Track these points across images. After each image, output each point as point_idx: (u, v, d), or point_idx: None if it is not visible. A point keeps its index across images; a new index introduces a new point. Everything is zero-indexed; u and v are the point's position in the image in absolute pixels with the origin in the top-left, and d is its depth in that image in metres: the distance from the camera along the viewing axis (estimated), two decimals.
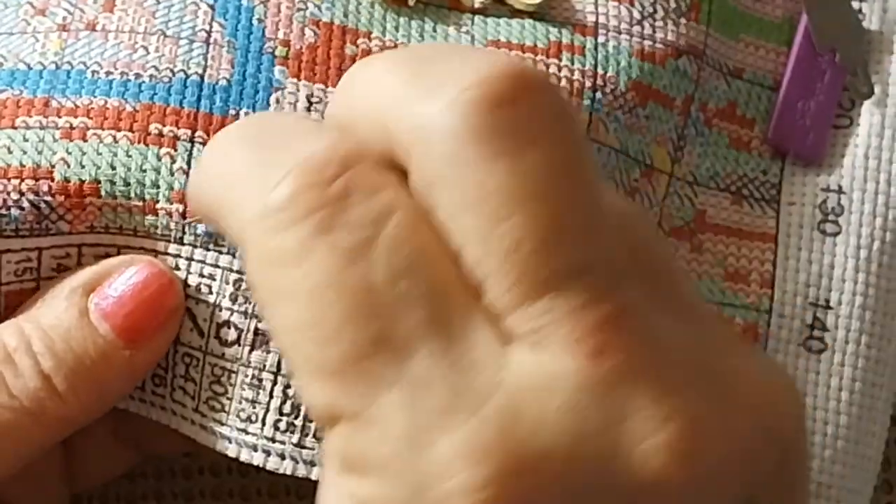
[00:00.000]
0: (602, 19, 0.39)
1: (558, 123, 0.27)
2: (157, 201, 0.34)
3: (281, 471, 0.34)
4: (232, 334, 0.34)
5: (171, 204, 0.34)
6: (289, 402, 0.34)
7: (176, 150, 0.35)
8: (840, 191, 0.42)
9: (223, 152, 0.29)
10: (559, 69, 0.38)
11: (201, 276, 0.35)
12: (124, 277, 0.34)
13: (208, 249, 0.35)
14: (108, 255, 0.35)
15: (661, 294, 0.27)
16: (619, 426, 0.25)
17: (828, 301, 0.41)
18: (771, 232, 0.41)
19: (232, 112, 0.35)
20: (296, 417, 0.34)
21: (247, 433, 0.34)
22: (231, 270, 0.34)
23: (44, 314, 0.34)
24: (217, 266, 0.34)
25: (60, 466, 0.38)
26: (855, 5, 0.43)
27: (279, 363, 0.34)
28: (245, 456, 0.34)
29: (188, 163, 0.35)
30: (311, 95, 0.36)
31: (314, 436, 0.34)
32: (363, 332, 0.25)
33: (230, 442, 0.35)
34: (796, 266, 0.41)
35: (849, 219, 0.42)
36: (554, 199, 0.26)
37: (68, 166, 0.34)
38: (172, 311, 0.34)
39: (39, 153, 0.34)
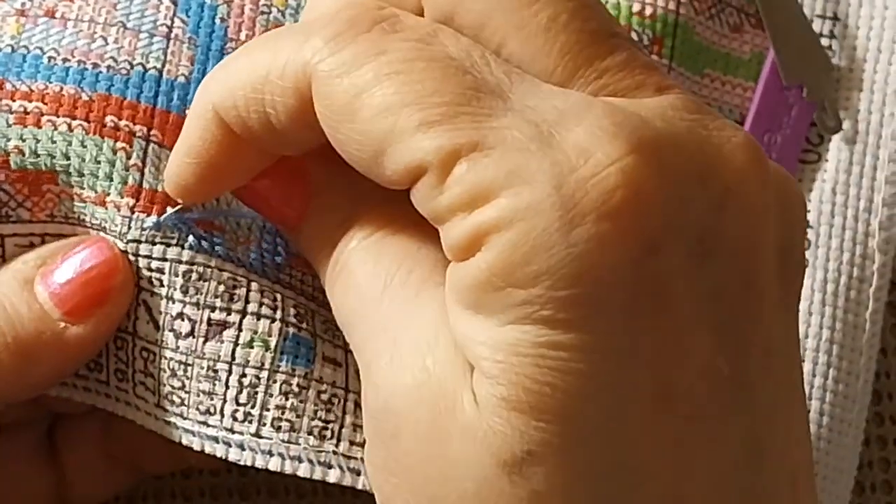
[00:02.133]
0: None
1: None
2: (109, 194, 0.34)
3: (241, 462, 0.34)
4: (185, 326, 0.34)
5: (122, 198, 0.34)
6: (244, 392, 0.34)
7: (131, 147, 0.34)
8: (808, 225, 0.41)
9: (254, 45, 0.31)
10: None
11: (150, 269, 0.34)
12: (74, 251, 0.34)
13: (154, 244, 0.34)
14: None
15: None
16: (702, 131, 0.28)
17: None
18: None
19: (188, 110, 0.35)
20: (252, 407, 0.34)
21: (207, 426, 0.34)
22: (180, 262, 0.34)
23: None
24: (165, 259, 0.34)
25: (53, 489, 0.38)
26: (824, 42, 0.43)
27: (233, 352, 0.34)
28: (208, 448, 0.34)
29: (143, 160, 0.34)
30: None
31: (271, 425, 0.34)
32: (462, 83, 0.27)
33: (193, 435, 0.34)
34: None
35: (816, 253, 0.41)
36: None
37: (23, 155, 0.34)
38: (116, 289, 0.34)
39: None
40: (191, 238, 0.34)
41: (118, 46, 0.35)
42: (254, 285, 0.35)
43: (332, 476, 0.34)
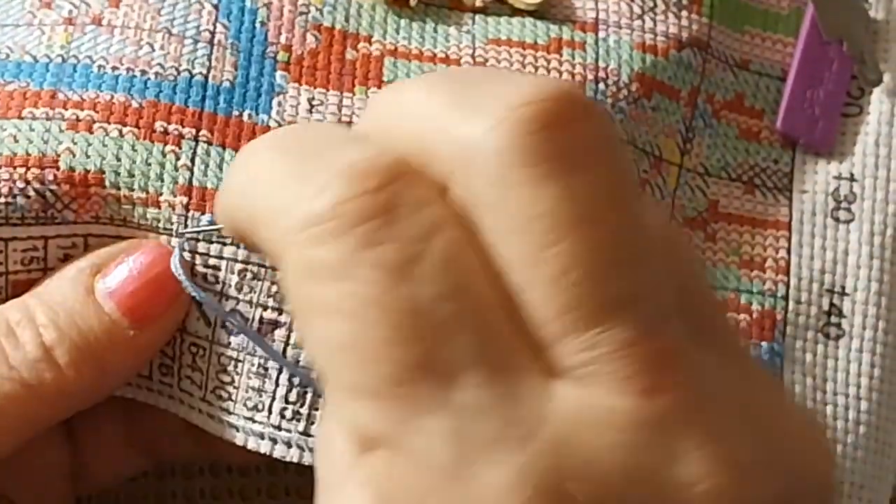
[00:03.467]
0: (602, 15, 0.40)
1: (607, 148, 0.26)
2: (161, 194, 0.35)
3: (287, 458, 0.35)
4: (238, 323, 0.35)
5: (175, 196, 0.35)
6: (294, 391, 0.35)
7: (180, 148, 0.35)
8: (852, 178, 0.42)
9: (257, 162, 0.28)
10: (560, 64, 0.38)
11: (206, 266, 0.35)
12: (132, 258, 0.35)
13: (211, 242, 0.35)
14: None
15: (704, 329, 0.27)
16: (670, 468, 0.24)
17: (843, 288, 0.41)
18: (784, 220, 0.41)
19: (235, 113, 0.36)
20: (301, 406, 0.35)
21: (254, 422, 0.35)
22: (236, 261, 0.35)
23: (49, 291, 0.34)
24: (221, 257, 0.35)
25: (67, 466, 0.38)
26: None
27: (284, 352, 0.35)
28: (252, 444, 0.35)
29: (192, 160, 0.35)
30: (313, 99, 0.37)
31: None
32: (406, 355, 0.24)
33: (237, 430, 0.35)
34: (811, 253, 0.41)
35: (861, 206, 0.42)
36: (604, 226, 0.25)
37: (73, 156, 0.35)
38: (178, 293, 0.35)
39: (45, 143, 0.35)
40: None
41: (164, 53, 0.36)
42: None
43: None
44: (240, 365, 0.35)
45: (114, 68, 0.36)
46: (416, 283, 0.24)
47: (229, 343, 0.35)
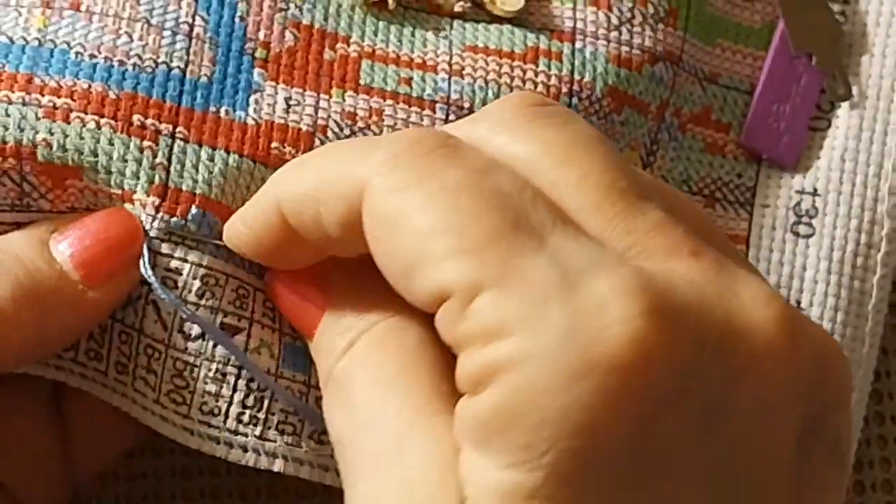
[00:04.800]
0: (580, 25, 0.40)
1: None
2: (135, 192, 0.35)
3: (243, 462, 0.35)
4: (196, 329, 0.35)
5: (148, 196, 0.35)
6: (252, 396, 0.35)
7: (157, 145, 0.35)
8: (815, 193, 0.42)
9: (317, 155, 0.34)
10: (536, 74, 0.39)
11: (167, 269, 0.35)
12: (91, 218, 0.35)
13: (177, 244, 0.35)
14: None
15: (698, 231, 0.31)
16: (733, 300, 0.28)
17: (799, 303, 0.42)
18: (743, 234, 0.42)
19: (212, 109, 0.36)
20: (259, 410, 0.35)
21: (209, 426, 0.35)
22: (200, 266, 0.35)
23: (5, 239, 0.34)
24: (185, 260, 0.35)
25: (57, 446, 0.38)
26: (836, 7, 0.44)
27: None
28: (207, 448, 0.35)
29: (168, 158, 0.35)
30: (290, 98, 0.37)
31: (276, 428, 0.35)
32: (501, 217, 0.28)
33: (192, 434, 0.35)
34: (767, 268, 0.42)
35: (823, 220, 0.42)
36: (600, 149, 0.30)
37: (50, 148, 0.35)
38: (135, 256, 0.34)
39: (21, 130, 0.35)
40: (211, 245, 0.35)
41: (143, 44, 0.36)
42: (259, 294, 0.36)
43: (328, 479, 0.36)
44: (196, 370, 0.35)
45: (91, 56, 0.36)
46: (497, 178, 0.29)
47: (186, 348, 0.35)
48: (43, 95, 0.35)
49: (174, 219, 0.35)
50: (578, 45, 0.40)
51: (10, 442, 0.36)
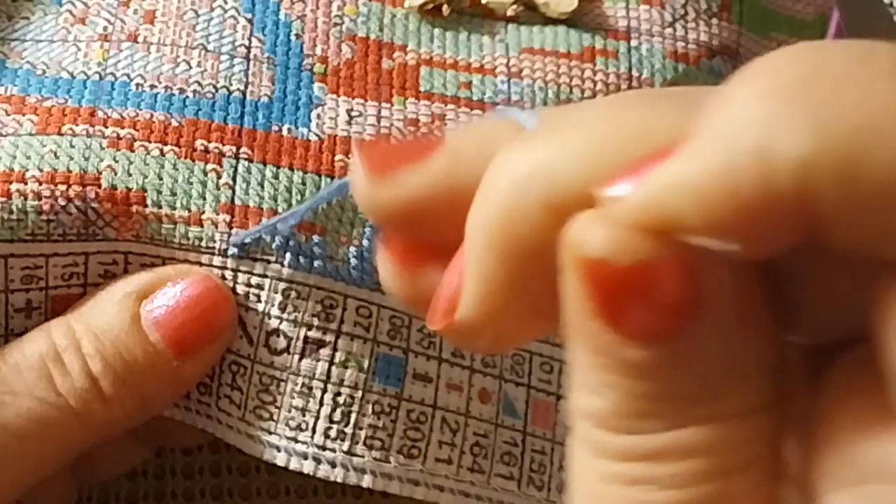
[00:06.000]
0: (633, 23, 0.40)
1: None
2: (203, 212, 0.35)
3: (332, 478, 0.35)
4: (281, 343, 0.35)
5: (218, 215, 0.35)
6: (339, 410, 0.35)
7: (222, 166, 0.35)
8: None
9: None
10: (594, 73, 0.38)
11: (248, 285, 0.35)
12: (179, 288, 0.34)
13: (255, 259, 0.35)
14: (153, 266, 0.35)
15: None
16: None
17: None
18: None
19: (275, 128, 0.36)
20: (346, 425, 0.35)
21: (297, 441, 0.35)
22: (280, 279, 0.35)
23: (95, 316, 0.34)
24: (265, 276, 0.35)
25: (74, 465, 0.37)
26: (886, 0, 0.43)
27: (329, 371, 0.35)
28: (295, 464, 0.35)
29: (233, 178, 0.35)
30: (351, 110, 0.37)
31: (364, 443, 0.35)
32: None
33: (279, 451, 0.35)
34: None
35: None
36: None
37: (115, 174, 0.35)
38: (225, 326, 0.34)
39: (86, 160, 0.35)
40: (288, 255, 0.35)
41: (201, 70, 0.36)
42: (350, 302, 0.35)
43: (419, 493, 0.35)
44: (282, 384, 0.35)
45: (152, 86, 0.36)
46: None
47: (272, 362, 0.35)
48: (107, 127, 0.35)
49: (248, 233, 0.35)
50: (634, 42, 0.39)
51: None
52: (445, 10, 0.38)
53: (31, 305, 0.35)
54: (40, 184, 0.34)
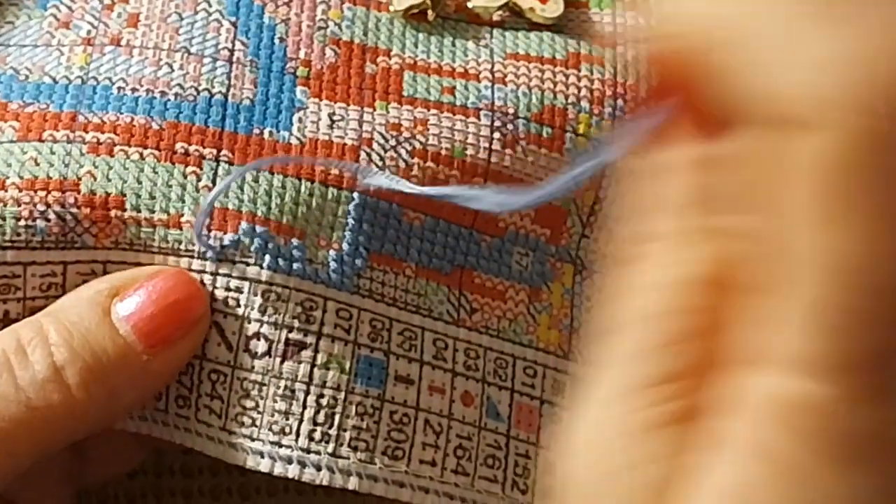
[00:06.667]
0: (620, 29, 0.40)
1: None
2: (182, 215, 0.35)
3: (317, 482, 0.34)
4: (262, 346, 0.34)
5: (196, 217, 0.35)
6: (322, 412, 0.34)
7: (202, 169, 0.35)
8: None
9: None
10: (579, 79, 0.38)
11: (228, 289, 0.35)
12: (152, 283, 0.34)
13: (234, 262, 0.35)
14: None
15: None
16: None
17: None
18: None
19: (256, 131, 0.36)
20: (330, 427, 0.34)
21: (280, 446, 0.34)
22: (259, 282, 0.35)
23: (65, 310, 0.34)
24: (245, 278, 0.35)
25: (69, 465, 0.38)
26: None
27: (311, 373, 0.34)
28: (279, 469, 0.34)
29: (213, 181, 0.35)
30: (333, 114, 0.36)
31: (349, 445, 0.35)
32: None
33: (262, 457, 0.35)
34: None
35: None
36: None
37: (94, 179, 0.35)
38: (197, 320, 0.34)
39: (66, 166, 0.35)
40: (267, 258, 0.34)
41: (183, 73, 0.36)
42: (330, 304, 0.35)
43: (405, 495, 0.35)
44: (264, 388, 0.34)
45: (133, 90, 0.36)
46: None
47: (253, 367, 0.34)
48: (87, 132, 0.35)
49: (227, 236, 0.35)
50: (620, 49, 0.39)
51: None
52: (430, 14, 0.38)
53: (8, 317, 0.35)
54: (20, 190, 0.34)
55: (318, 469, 0.34)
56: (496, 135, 0.37)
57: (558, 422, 0.38)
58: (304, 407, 0.34)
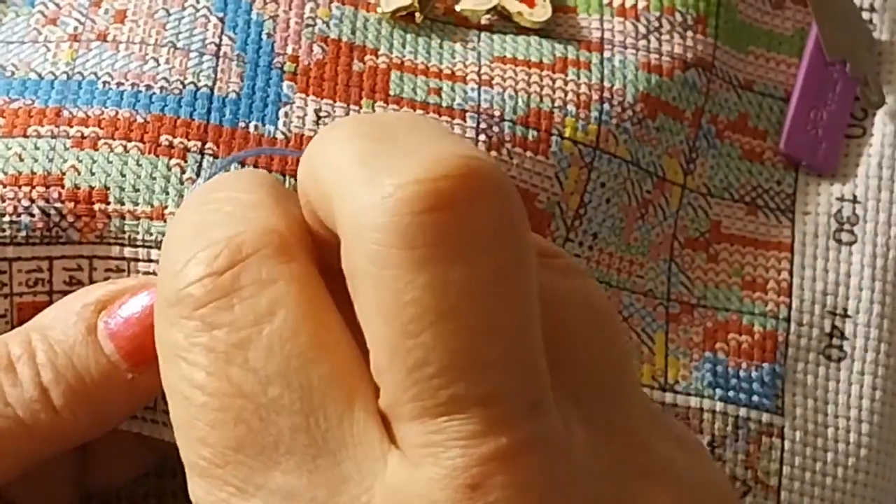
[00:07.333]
0: (608, 35, 0.40)
1: (497, 237, 0.25)
2: (167, 207, 0.35)
3: None
4: None
5: None
6: None
7: (186, 161, 0.35)
8: (855, 200, 0.42)
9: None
10: (565, 84, 0.38)
11: None
12: (137, 299, 0.33)
13: None
14: (119, 271, 0.35)
15: (597, 416, 0.27)
16: None
17: (846, 310, 0.41)
18: (787, 241, 0.41)
19: (241, 124, 0.36)
20: None
21: None
22: None
23: (51, 326, 0.34)
24: None
25: (73, 469, 0.38)
26: (865, 16, 0.43)
27: None
28: None
29: (197, 173, 0.35)
30: (320, 110, 0.36)
31: None
32: (227, 439, 0.25)
33: None
34: (813, 275, 0.41)
35: (864, 228, 0.42)
36: (469, 324, 0.24)
37: (78, 173, 0.35)
38: None
39: (50, 161, 0.35)
40: None
41: (169, 67, 0.36)
42: None
43: None
44: None
45: (119, 84, 0.36)
46: (242, 368, 0.25)
47: None
48: (71, 127, 0.35)
49: None
50: (607, 54, 0.39)
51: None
52: (418, 17, 0.38)
53: None
54: (4, 186, 0.34)
55: None
56: (482, 137, 0.37)
57: None
58: None
